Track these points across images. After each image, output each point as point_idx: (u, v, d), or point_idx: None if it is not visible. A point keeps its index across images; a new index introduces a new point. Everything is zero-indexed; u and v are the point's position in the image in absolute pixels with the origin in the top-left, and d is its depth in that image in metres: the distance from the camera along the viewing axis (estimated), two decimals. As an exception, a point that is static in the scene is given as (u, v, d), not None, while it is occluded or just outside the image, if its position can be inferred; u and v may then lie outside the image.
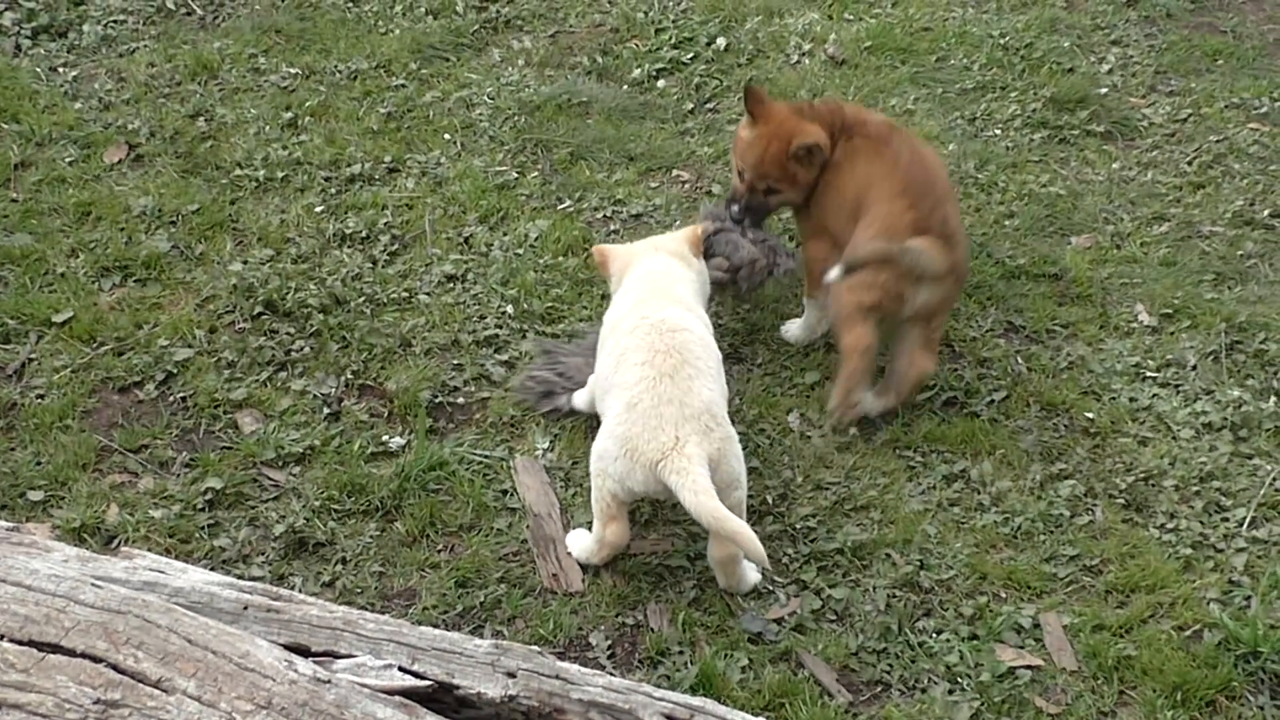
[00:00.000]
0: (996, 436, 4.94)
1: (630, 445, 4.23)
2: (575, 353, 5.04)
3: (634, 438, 4.22)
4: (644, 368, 4.33)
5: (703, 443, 4.20)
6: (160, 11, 6.94)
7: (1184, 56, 6.99)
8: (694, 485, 4.09)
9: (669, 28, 6.94)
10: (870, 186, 5.05)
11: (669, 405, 4.24)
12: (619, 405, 4.32)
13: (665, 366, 4.32)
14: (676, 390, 4.27)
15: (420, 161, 6.06)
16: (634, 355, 4.38)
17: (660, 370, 4.31)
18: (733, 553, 4.31)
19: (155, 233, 5.60)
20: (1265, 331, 5.36)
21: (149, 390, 4.99)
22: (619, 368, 4.41)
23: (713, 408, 4.29)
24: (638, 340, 4.42)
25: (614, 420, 4.31)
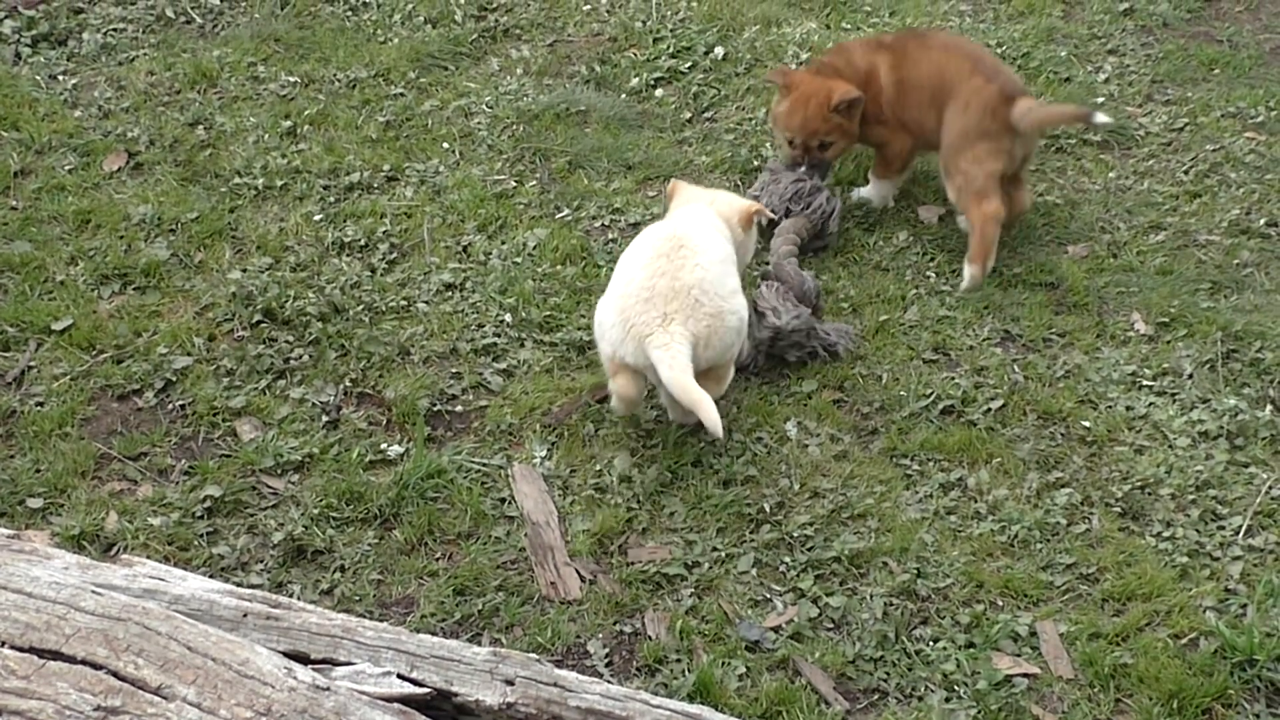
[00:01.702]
0: (993, 445, 4.96)
1: (624, 317, 4.67)
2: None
3: (627, 310, 4.67)
4: (645, 248, 4.82)
5: (689, 320, 4.63)
6: (160, 20, 6.96)
7: (1180, 66, 7.01)
8: (671, 361, 4.54)
9: (667, 37, 6.96)
10: (941, 75, 5.79)
11: (661, 278, 4.68)
12: (620, 278, 4.79)
13: (664, 248, 4.77)
14: (670, 266, 4.71)
15: (419, 170, 6.07)
16: (640, 241, 4.92)
17: (658, 250, 4.77)
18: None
19: (154, 241, 5.62)
20: (1261, 340, 5.38)
21: (148, 398, 5.01)
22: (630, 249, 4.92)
23: (703, 284, 4.69)
24: (645, 232, 4.99)
25: (613, 291, 4.78)
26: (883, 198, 6.05)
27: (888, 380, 5.20)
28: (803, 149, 5.84)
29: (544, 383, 5.13)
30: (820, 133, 5.81)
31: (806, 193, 5.76)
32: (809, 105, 5.78)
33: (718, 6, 7.18)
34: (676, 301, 4.64)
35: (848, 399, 5.14)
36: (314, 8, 7.09)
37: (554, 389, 5.10)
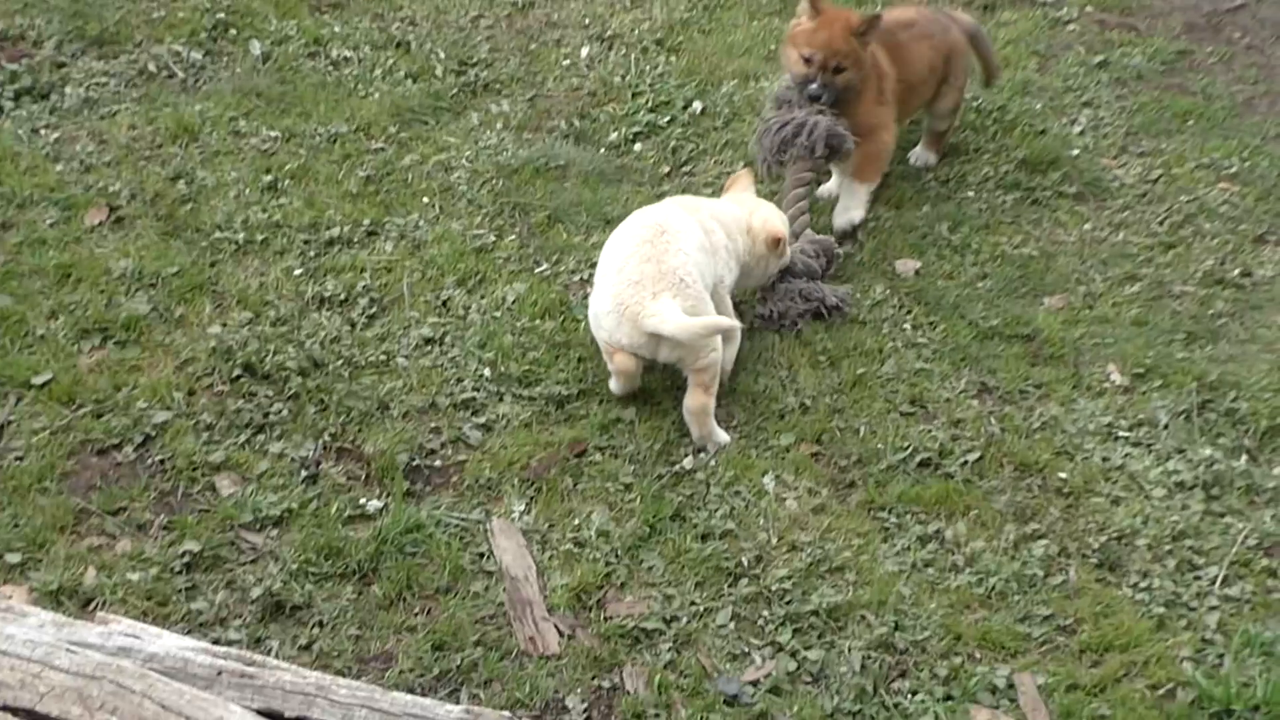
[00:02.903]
0: (970, 497, 4.98)
1: (618, 302, 5.05)
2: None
3: (620, 294, 5.04)
4: (629, 237, 5.18)
5: (677, 298, 5.00)
6: (142, 74, 6.99)
7: (1155, 117, 7.07)
8: (668, 317, 4.95)
9: (645, 92, 7.00)
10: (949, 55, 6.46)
11: (648, 264, 5.05)
12: (608, 267, 5.16)
13: (646, 235, 5.15)
14: (654, 251, 5.08)
15: (399, 224, 6.10)
16: (623, 229, 5.29)
17: (642, 238, 5.14)
18: (705, 403, 5.09)
19: (135, 295, 5.62)
20: (1236, 390, 5.42)
21: (127, 453, 5.01)
22: (611, 240, 5.28)
23: (685, 268, 5.07)
24: (627, 221, 5.33)
25: (603, 281, 5.16)
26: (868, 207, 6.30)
27: (865, 433, 5.23)
28: (819, 67, 6.02)
29: (523, 437, 5.14)
30: (840, 53, 6.01)
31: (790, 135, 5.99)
32: (834, 26, 6.02)
33: (696, 62, 7.23)
34: (664, 282, 5.03)
35: (825, 452, 5.17)
36: (295, 63, 7.13)
37: (533, 443, 5.12)
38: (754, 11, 7.75)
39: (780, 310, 5.73)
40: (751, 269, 5.62)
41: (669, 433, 5.17)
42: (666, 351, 5.10)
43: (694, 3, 7.79)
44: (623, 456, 5.08)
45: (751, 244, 5.55)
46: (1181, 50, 7.69)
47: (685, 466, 5.05)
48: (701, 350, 5.07)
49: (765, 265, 5.66)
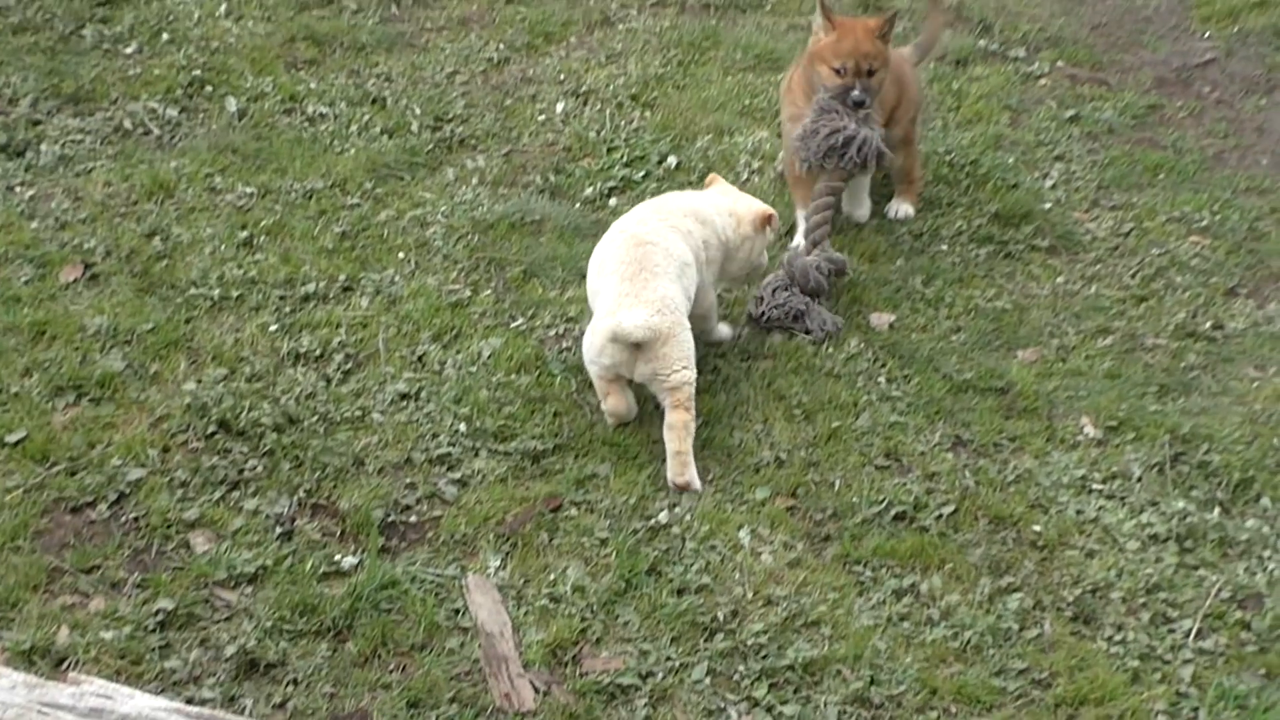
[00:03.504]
0: (945, 550, 4.99)
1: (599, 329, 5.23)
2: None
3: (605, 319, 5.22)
4: (613, 275, 5.34)
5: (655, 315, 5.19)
6: (118, 131, 7.00)
7: (1126, 171, 7.12)
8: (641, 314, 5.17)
9: (621, 146, 7.04)
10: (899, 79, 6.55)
11: (628, 298, 5.23)
12: (600, 311, 5.33)
13: (628, 272, 5.31)
14: (634, 287, 5.26)
15: (374, 280, 6.11)
16: (608, 265, 5.42)
17: (623, 275, 5.31)
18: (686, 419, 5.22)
19: (110, 352, 5.62)
20: (1209, 442, 5.44)
21: (101, 510, 5.00)
22: (599, 274, 5.47)
23: (665, 298, 5.25)
24: (611, 251, 5.48)
25: (596, 319, 5.32)
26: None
27: (840, 487, 5.24)
28: (854, 73, 6.22)
29: (498, 492, 5.14)
30: (870, 56, 6.22)
31: (839, 147, 6.16)
32: (856, 31, 6.26)
33: (671, 116, 7.27)
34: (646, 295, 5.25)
35: (801, 506, 5.18)
36: (271, 119, 7.15)
37: (508, 498, 5.12)
38: (728, 67, 7.80)
39: (772, 317, 5.94)
40: (735, 252, 5.81)
41: (644, 487, 5.18)
42: (642, 366, 5.25)
43: (668, 58, 7.83)
44: (598, 511, 5.08)
45: (736, 224, 5.77)
46: (1152, 105, 7.75)
47: (661, 521, 5.05)
48: (672, 366, 5.24)
49: (750, 247, 5.85)
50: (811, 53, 6.36)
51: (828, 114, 6.22)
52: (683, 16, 8.33)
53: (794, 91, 6.49)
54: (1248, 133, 7.60)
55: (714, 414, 5.49)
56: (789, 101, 6.51)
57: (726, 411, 5.53)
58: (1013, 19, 8.48)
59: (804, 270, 6.00)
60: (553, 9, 8.31)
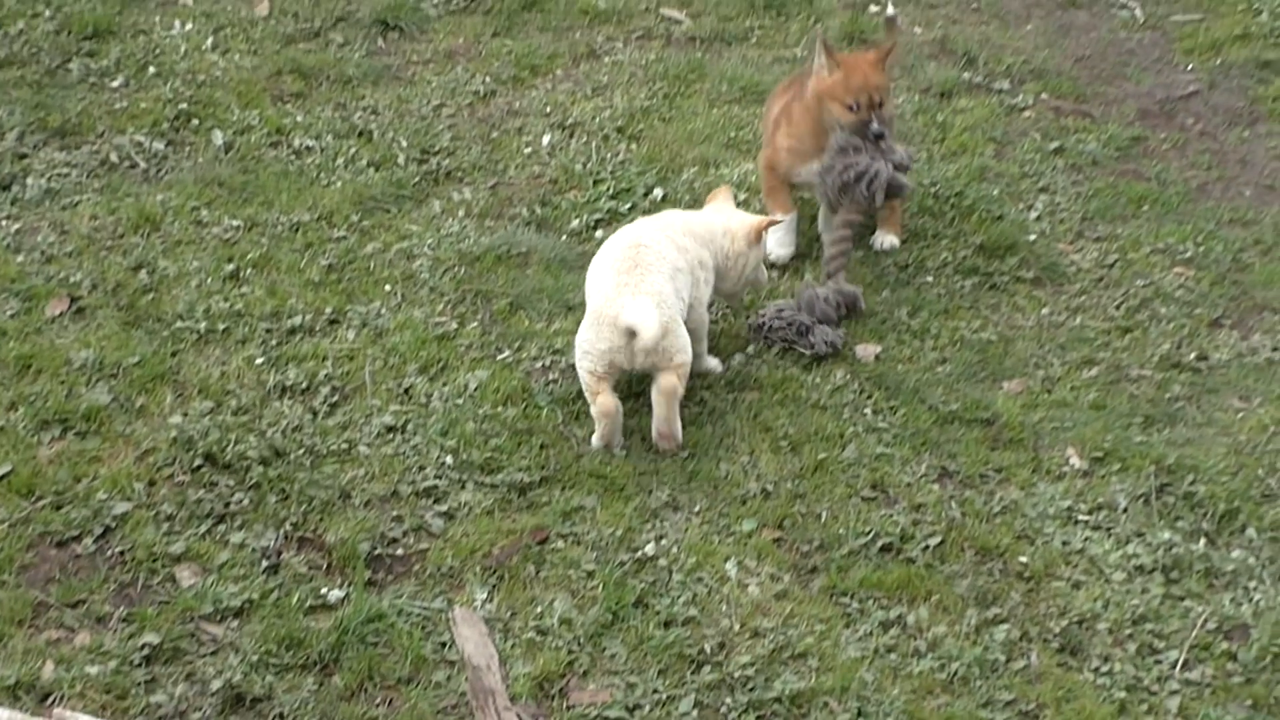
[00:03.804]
0: (932, 582, 5.00)
1: (597, 319, 5.39)
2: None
3: (599, 313, 5.39)
4: (609, 269, 5.51)
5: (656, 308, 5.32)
6: (104, 165, 7.01)
7: (1110, 203, 7.15)
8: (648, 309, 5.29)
9: (607, 179, 7.05)
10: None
11: (625, 288, 5.38)
12: (592, 305, 5.49)
13: (624, 267, 5.47)
14: (630, 279, 5.41)
15: (361, 313, 6.11)
16: (605, 263, 5.59)
17: (619, 270, 5.47)
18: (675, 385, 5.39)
19: (96, 385, 5.62)
20: (1194, 473, 5.45)
21: (87, 544, 4.99)
22: (596, 273, 5.62)
23: (662, 291, 5.40)
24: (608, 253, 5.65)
25: (591, 309, 5.47)
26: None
27: (827, 518, 5.24)
28: (868, 107, 6.28)
29: (485, 525, 5.14)
30: (879, 88, 6.32)
31: (853, 181, 6.24)
32: (863, 66, 6.33)
33: (657, 149, 7.29)
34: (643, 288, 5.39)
35: (787, 537, 5.18)
36: (258, 152, 7.16)
37: (495, 531, 5.12)
38: (713, 100, 7.82)
39: (774, 327, 6.04)
40: (729, 269, 5.92)
41: (631, 519, 5.18)
42: (642, 356, 5.36)
43: (654, 91, 7.85)
44: (585, 543, 5.08)
45: (730, 243, 5.88)
46: (1136, 136, 7.78)
47: (647, 553, 5.06)
48: (672, 358, 5.41)
49: (744, 263, 5.93)
50: (820, 92, 6.37)
51: (845, 153, 6.30)
52: (668, 49, 8.35)
53: (796, 125, 6.50)
54: (1231, 164, 7.63)
55: (700, 446, 5.50)
56: (789, 134, 6.53)
57: (713, 443, 5.54)
58: (996, 51, 8.51)
59: (810, 301, 6.08)
60: (539, 42, 8.34)
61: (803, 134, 6.48)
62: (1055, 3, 9.24)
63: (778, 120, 6.65)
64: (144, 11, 8.24)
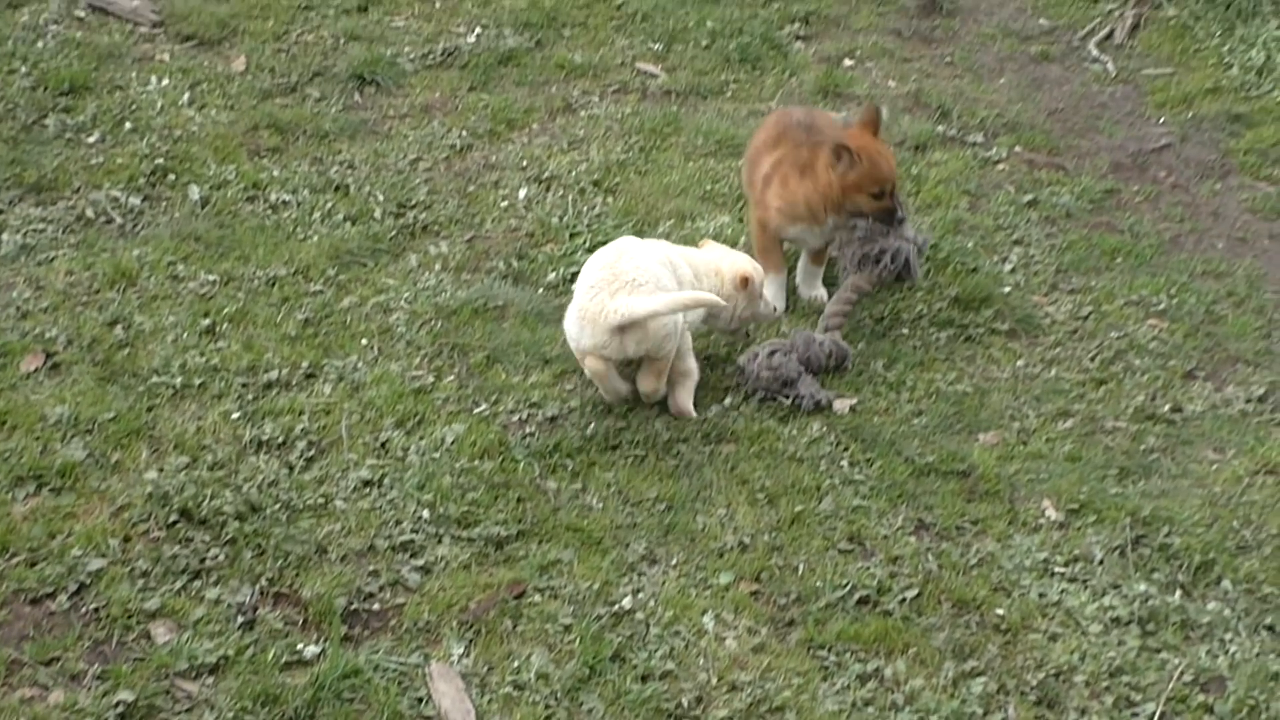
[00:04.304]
0: (909, 634, 4.99)
1: (580, 313, 5.70)
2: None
3: (583, 306, 5.69)
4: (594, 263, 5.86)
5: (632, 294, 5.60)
6: (80, 220, 7.00)
7: (1084, 255, 7.19)
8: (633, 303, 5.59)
9: (583, 232, 7.07)
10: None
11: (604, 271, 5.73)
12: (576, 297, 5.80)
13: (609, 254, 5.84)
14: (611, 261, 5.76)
15: (337, 367, 6.11)
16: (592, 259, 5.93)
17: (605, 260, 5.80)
18: (656, 386, 5.85)
19: (71, 441, 5.60)
20: (1169, 525, 5.47)
21: (61, 601, 4.96)
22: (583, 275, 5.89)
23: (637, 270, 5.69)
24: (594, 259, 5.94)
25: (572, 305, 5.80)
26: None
27: (804, 571, 5.24)
28: (891, 194, 6.40)
29: (461, 579, 5.13)
30: (895, 172, 6.51)
31: (874, 256, 6.41)
32: (882, 154, 6.46)
33: (633, 202, 7.32)
34: (618, 283, 5.65)
35: (764, 590, 5.18)
36: (234, 207, 7.17)
37: (472, 585, 5.10)
38: (689, 153, 7.87)
39: (762, 377, 6.07)
40: (720, 309, 6.05)
41: (608, 572, 5.17)
42: (632, 346, 5.69)
43: (630, 144, 7.90)
44: (562, 597, 5.07)
45: (720, 284, 6.04)
46: (1109, 189, 7.84)
47: (624, 606, 5.05)
48: (666, 340, 5.73)
49: (735, 304, 6.09)
50: (846, 187, 6.38)
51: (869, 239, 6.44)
52: (644, 103, 8.41)
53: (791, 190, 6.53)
54: (1203, 217, 7.69)
55: (677, 499, 5.50)
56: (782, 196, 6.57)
57: (690, 496, 5.54)
58: (970, 105, 8.58)
59: (808, 341, 6.18)
60: (515, 96, 8.39)
61: (797, 199, 6.52)
62: (1028, 57, 9.34)
63: (768, 178, 6.65)
64: (120, 67, 8.26)
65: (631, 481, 5.59)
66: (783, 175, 6.59)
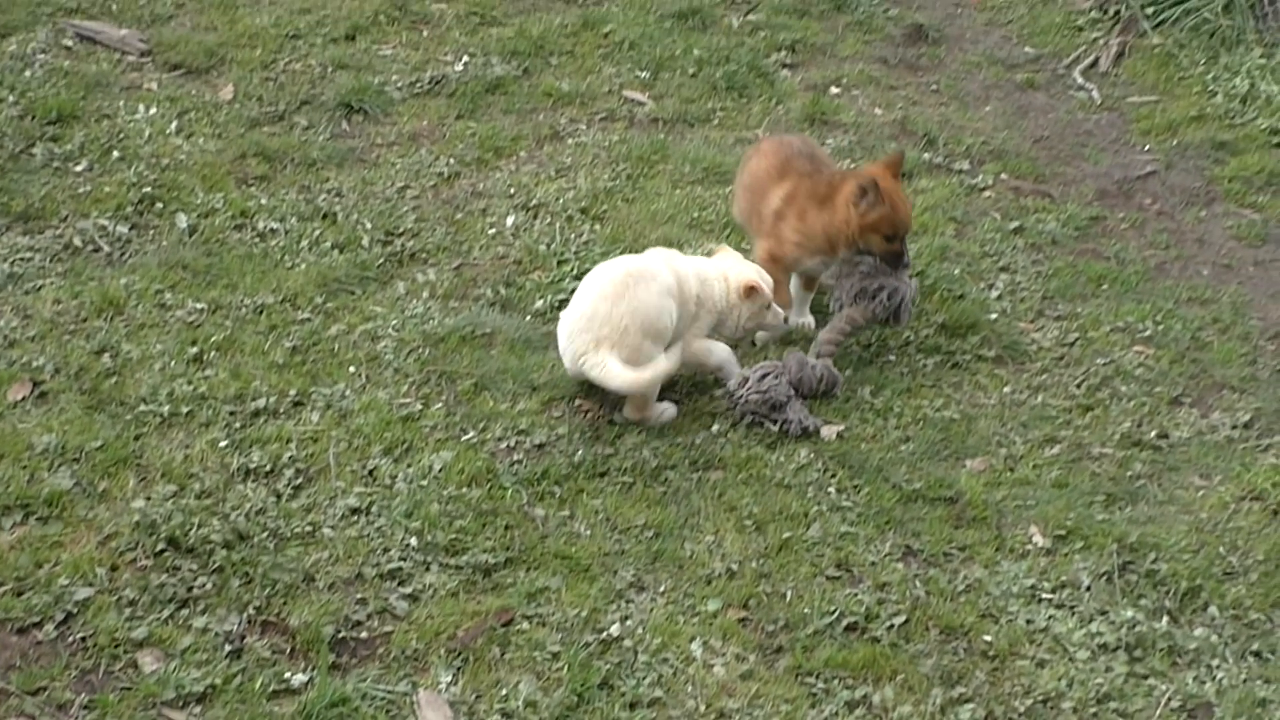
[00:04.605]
0: (897, 661, 5.00)
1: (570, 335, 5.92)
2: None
3: (571, 328, 5.93)
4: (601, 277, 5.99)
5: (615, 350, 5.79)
6: (67, 249, 7.00)
7: (1070, 282, 7.22)
8: (612, 373, 5.77)
9: (571, 259, 7.09)
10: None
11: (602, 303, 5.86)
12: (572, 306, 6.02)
13: (617, 276, 5.92)
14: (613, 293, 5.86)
15: (325, 394, 6.11)
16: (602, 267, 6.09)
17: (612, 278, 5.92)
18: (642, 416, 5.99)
19: (58, 470, 5.59)
20: (1156, 551, 5.48)
21: (48, 631, 4.94)
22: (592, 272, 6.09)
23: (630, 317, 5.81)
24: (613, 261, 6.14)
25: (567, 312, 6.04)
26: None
27: (792, 597, 5.25)
28: (902, 239, 6.49)
29: (450, 606, 5.12)
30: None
31: (871, 291, 6.44)
32: (905, 201, 6.55)
33: (620, 229, 7.34)
34: (606, 328, 5.82)
35: (753, 617, 5.18)
36: (222, 235, 7.17)
37: (460, 612, 5.10)
38: (676, 180, 7.89)
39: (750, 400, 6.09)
40: (726, 316, 6.24)
41: (596, 600, 5.17)
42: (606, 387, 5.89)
43: (618, 172, 7.92)
44: (550, 625, 5.07)
45: (726, 291, 6.19)
46: (1094, 216, 7.88)
47: (613, 633, 5.04)
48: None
49: (739, 313, 6.24)
50: (864, 226, 6.43)
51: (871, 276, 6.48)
52: (631, 130, 8.43)
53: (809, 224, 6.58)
54: (1189, 243, 7.72)
55: (665, 526, 5.50)
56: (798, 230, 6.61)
57: (678, 523, 5.54)
58: (956, 132, 8.62)
59: (800, 363, 6.22)
60: (502, 124, 8.41)
61: (816, 232, 6.57)
62: (1013, 84, 9.39)
63: (780, 213, 6.65)
64: (108, 96, 8.27)
65: (619, 508, 5.59)
66: (799, 208, 6.60)
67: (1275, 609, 5.29)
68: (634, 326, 5.84)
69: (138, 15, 9.28)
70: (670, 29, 9.60)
